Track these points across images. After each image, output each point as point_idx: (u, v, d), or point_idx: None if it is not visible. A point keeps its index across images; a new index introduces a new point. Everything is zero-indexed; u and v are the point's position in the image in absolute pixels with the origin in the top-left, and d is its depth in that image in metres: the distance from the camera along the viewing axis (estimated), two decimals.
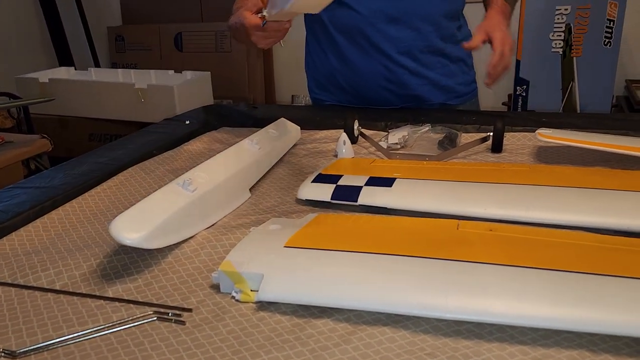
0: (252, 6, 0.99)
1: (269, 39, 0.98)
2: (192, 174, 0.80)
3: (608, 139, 0.96)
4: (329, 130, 1.20)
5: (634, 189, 0.76)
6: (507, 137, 1.09)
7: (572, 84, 2.22)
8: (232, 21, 1.07)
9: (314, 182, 0.88)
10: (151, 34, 3.43)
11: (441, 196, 0.80)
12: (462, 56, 1.34)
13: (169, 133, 1.23)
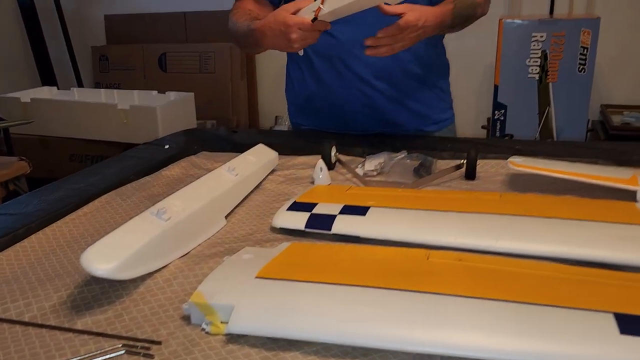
0: (291, 7, 1.04)
1: (307, 39, 1.03)
2: (166, 203, 0.80)
3: (577, 167, 0.99)
4: (307, 156, 1.21)
5: (599, 219, 0.78)
6: (481, 164, 1.11)
7: (549, 109, 2.27)
8: (260, 24, 1.10)
9: (289, 210, 0.89)
10: (135, 54, 3.44)
11: (413, 225, 0.81)
12: (439, 83, 1.37)
13: (147, 158, 1.23)
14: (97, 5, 3.58)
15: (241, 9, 1.26)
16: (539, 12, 2.61)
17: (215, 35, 3.27)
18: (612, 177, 0.93)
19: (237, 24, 1.21)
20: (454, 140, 1.28)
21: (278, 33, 1.05)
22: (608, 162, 1.08)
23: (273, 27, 1.06)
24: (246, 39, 1.17)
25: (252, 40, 1.15)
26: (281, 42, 1.06)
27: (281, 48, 1.09)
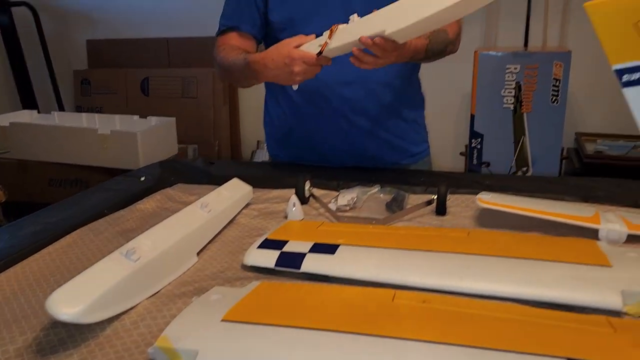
0: (294, 42, 1.08)
1: (308, 74, 1.07)
2: (136, 242, 0.81)
3: (544, 205, 1.02)
4: (282, 190, 1.23)
5: (561, 259, 0.80)
6: (452, 199, 1.14)
7: (524, 138, 2.32)
8: (260, 56, 1.15)
9: (260, 247, 0.90)
10: (117, 78, 3.45)
11: (381, 264, 0.82)
12: (415, 117, 1.41)
13: (122, 190, 1.24)
14: (79, 29, 3.60)
15: (228, 45, 1.29)
16: (515, 44, 2.68)
17: (198, 61, 3.30)
18: (576, 215, 0.96)
19: (229, 58, 1.24)
20: (428, 174, 1.31)
21: (281, 65, 1.08)
22: (574, 198, 1.11)
23: (276, 59, 1.09)
24: (242, 72, 1.20)
25: (249, 73, 1.18)
26: (283, 75, 1.10)
27: (282, 81, 1.12)
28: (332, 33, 1.05)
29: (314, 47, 1.08)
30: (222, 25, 1.33)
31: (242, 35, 1.31)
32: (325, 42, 1.05)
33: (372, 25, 1.02)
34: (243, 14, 1.30)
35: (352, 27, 1.05)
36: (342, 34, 1.05)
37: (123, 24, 3.50)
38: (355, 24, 1.05)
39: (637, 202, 1.06)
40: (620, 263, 0.79)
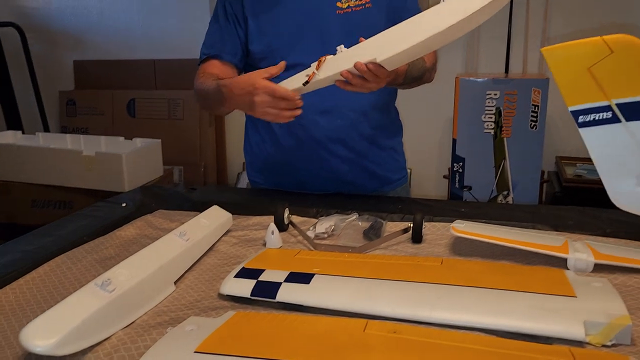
0: (263, 73, 1.09)
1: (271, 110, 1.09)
2: (112, 273, 0.82)
3: (515, 233, 1.04)
4: (261, 217, 1.24)
5: (530, 290, 0.82)
6: (428, 227, 1.16)
7: (504, 162, 2.36)
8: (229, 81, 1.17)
9: (237, 276, 0.91)
10: (104, 99, 3.47)
11: (354, 294, 0.84)
12: (393, 144, 1.44)
13: (102, 217, 1.25)
14: (66, 50, 3.62)
15: (207, 73, 1.32)
16: (496, 71, 2.75)
17: (185, 83, 3.33)
18: (545, 244, 0.98)
19: (205, 84, 1.27)
20: (405, 202, 1.33)
21: (245, 93, 1.10)
22: (546, 227, 1.14)
23: (242, 86, 1.12)
24: (214, 96, 1.22)
25: (219, 97, 1.20)
26: (245, 102, 1.11)
27: (245, 109, 1.14)
28: (321, 64, 1.07)
29: (298, 79, 1.10)
30: (203, 54, 1.36)
31: (223, 63, 1.33)
32: (313, 73, 1.06)
33: (362, 53, 1.04)
34: (224, 43, 1.33)
35: (341, 57, 1.07)
36: (331, 65, 1.07)
37: (110, 45, 3.53)
38: (344, 54, 1.07)
39: (605, 231, 1.09)
40: (584, 293, 0.81)
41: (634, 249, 1.01)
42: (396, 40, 1.01)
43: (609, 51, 0.59)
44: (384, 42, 1.03)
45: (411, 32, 0.98)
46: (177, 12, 3.36)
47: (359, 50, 1.05)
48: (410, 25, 1.00)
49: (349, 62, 1.05)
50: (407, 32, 0.99)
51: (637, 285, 0.88)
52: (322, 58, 1.08)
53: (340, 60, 1.07)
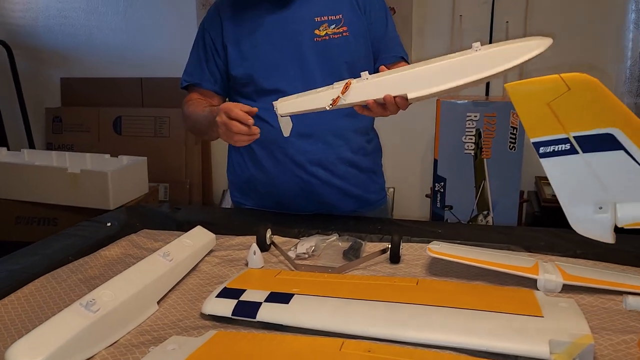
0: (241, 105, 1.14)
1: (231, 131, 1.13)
2: (96, 293, 0.84)
3: (488, 255, 1.08)
4: (244, 237, 1.27)
5: (500, 310, 0.86)
6: (406, 247, 1.19)
7: (484, 182, 2.42)
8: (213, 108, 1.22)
9: (219, 296, 0.94)
10: (90, 116, 3.48)
11: (332, 314, 0.87)
12: (372, 166, 1.48)
13: (87, 236, 1.26)
14: (53, 68, 3.63)
15: (195, 100, 1.36)
16: (477, 94, 2.82)
17: (172, 101, 3.35)
18: (517, 265, 1.02)
19: (196, 110, 1.32)
20: (384, 222, 1.37)
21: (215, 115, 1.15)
22: (518, 248, 1.18)
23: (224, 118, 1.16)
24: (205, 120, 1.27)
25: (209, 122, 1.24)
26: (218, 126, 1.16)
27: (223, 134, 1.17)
28: (347, 89, 1.08)
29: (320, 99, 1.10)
30: (184, 81, 1.41)
31: (204, 91, 1.38)
32: (339, 97, 1.08)
33: (393, 86, 1.06)
34: (203, 71, 1.38)
35: (368, 85, 1.08)
36: (357, 91, 1.08)
37: (98, 63, 3.56)
38: (370, 82, 1.08)
39: (576, 252, 1.14)
40: (551, 313, 0.85)
41: (601, 270, 1.05)
42: (429, 79, 1.04)
43: (566, 88, 0.64)
44: (414, 79, 1.06)
45: (445, 76, 1.02)
46: (165, 31, 3.40)
47: (388, 82, 1.07)
48: (444, 68, 1.02)
49: (377, 92, 1.07)
50: (441, 74, 1.02)
51: (602, 306, 0.92)
52: (349, 83, 1.08)
53: (367, 88, 1.08)
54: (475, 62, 0.99)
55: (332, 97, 1.08)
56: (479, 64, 0.98)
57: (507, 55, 0.96)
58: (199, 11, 3.29)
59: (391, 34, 1.44)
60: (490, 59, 0.98)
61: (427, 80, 1.04)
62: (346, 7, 1.35)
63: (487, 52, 0.98)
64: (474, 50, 0.99)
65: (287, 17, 1.33)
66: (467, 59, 1.00)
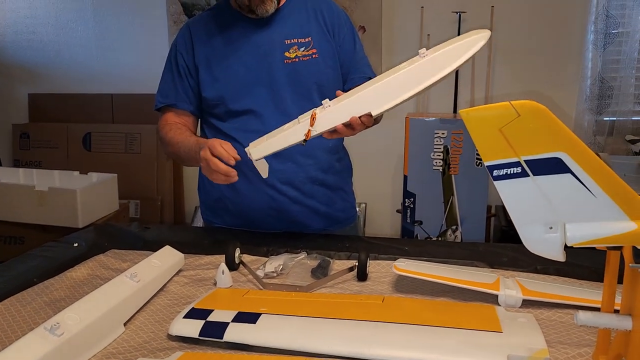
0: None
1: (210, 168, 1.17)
2: (61, 316, 0.83)
3: (453, 272, 1.11)
4: (213, 256, 1.28)
5: (462, 326, 0.89)
6: (373, 264, 1.21)
7: (452, 198, 2.47)
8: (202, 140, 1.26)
9: (186, 317, 0.94)
10: (59, 132, 3.44)
11: (298, 333, 0.88)
12: (342, 185, 1.50)
13: (53, 257, 1.25)
14: (21, 83, 3.58)
15: (174, 124, 1.38)
16: (446, 111, 2.89)
17: (143, 117, 3.34)
18: (479, 282, 1.05)
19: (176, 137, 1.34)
20: (352, 240, 1.39)
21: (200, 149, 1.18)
22: (482, 264, 1.21)
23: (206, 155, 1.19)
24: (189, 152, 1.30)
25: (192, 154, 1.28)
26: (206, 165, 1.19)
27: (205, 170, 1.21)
28: (314, 120, 1.12)
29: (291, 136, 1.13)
30: (159, 102, 1.41)
31: (180, 112, 1.39)
32: (309, 130, 1.11)
33: (356, 108, 1.11)
34: (178, 92, 1.38)
35: (333, 111, 1.12)
36: (324, 119, 1.12)
37: (67, 79, 3.53)
38: (334, 108, 1.12)
39: (536, 268, 1.18)
40: (510, 328, 0.88)
41: (560, 285, 1.09)
42: (388, 93, 1.09)
43: (516, 114, 0.67)
44: (374, 96, 1.10)
45: (402, 87, 1.07)
46: (136, 47, 3.39)
47: (350, 105, 1.11)
48: (399, 80, 1.08)
49: (343, 116, 1.11)
50: (398, 86, 1.08)
51: (559, 320, 0.96)
52: (314, 114, 1.12)
53: (333, 114, 1.12)
54: (426, 67, 1.04)
55: (301, 131, 1.12)
56: (431, 68, 1.04)
57: (454, 54, 1.03)
58: (170, 27, 3.30)
59: (359, 54, 1.47)
60: (440, 61, 1.04)
61: (386, 95, 1.09)
62: (315, 29, 1.38)
63: (435, 55, 1.04)
64: (421, 56, 1.05)
65: (257, 39, 1.35)
66: (419, 66, 1.05)
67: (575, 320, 0.71)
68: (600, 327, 0.72)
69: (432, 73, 1.04)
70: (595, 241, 0.69)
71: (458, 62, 1.02)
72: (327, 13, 1.41)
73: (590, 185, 0.67)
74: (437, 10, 2.91)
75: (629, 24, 2.73)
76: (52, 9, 3.48)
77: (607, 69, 2.80)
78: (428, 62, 1.04)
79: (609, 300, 0.77)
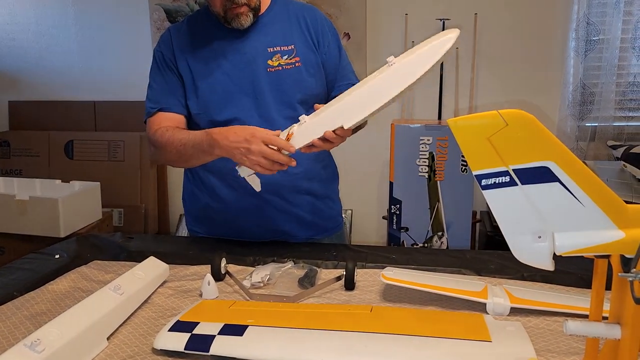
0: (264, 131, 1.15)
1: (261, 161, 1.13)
2: (42, 332, 0.81)
3: (440, 280, 1.11)
4: (198, 266, 1.26)
5: (451, 335, 0.88)
6: (360, 273, 1.21)
7: (438, 204, 2.47)
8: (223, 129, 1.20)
9: (171, 330, 0.92)
10: (40, 140, 3.38)
11: (286, 345, 0.87)
12: (328, 193, 1.49)
13: (34, 270, 1.22)
14: (1, 91, 3.52)
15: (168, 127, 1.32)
16: (430, 117, 2.90)
17: (126, 124, 3.31)
18: (467, 290, 1.05)
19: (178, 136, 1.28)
20: (339, 249, 1.38)
21: (241, 139, 1.14)
22: (470, 272, 1.21)
23: (239, 132, 1.15)
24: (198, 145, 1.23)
25: (204, 147, 1.21)
26: (238, 150, 1.14)
27: (237, 155, 1.15)
28: (290, 137, 1.13)
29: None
30: (151, 108, 1.35)
31: (173, 116, 1.35)
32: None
33: (329, 122, 1.11)
34: (170, 95, 1.34)
35: (308, 127, 1.13)
36: (300, 136, 1.13)
37: (48, 86, 3.47)
38: (309, 124, 1.13)
39: (523, 275, 1.18)
40: (499, 337, 0.87)
41: (547, 292, 1.09)
42: (359, 106, 1.09)
43: (504, 124, 0.67)
44: (347, 109, 1.11)
45: (371, 98, 1.07)
46: (118, 53, 3.35)
47: (324, 119, 1.12)
48: (368, 91, 1.08)
49: (317, 132, 1.12)
50: (367, 97, 1.08)
51: (547, 328, 0.96)
52: (290, 133, 1.13)
53: (308, 130, 1.13)
54: (396, 75, 1.04)
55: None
56: (401, 75, 1.04)
57: (423, 59, 1.02)
58: (153, 34, 3.27)
59: (344, 62, 1.47)
60: (409, 67, 1.04)
61: (358, 107, 1.09)
62: (298, 38, 1.37)
63: (403, 62, 1.04)
64: (390, 65, 1.05)
65: (240, 46, 1.34)
66: (388, 75, 1.05)
67: (565, 330, 0.71)
68: (590, 336, 0.72)
69: (402, 79, 1.04)
70: (584, 250, 0.69)
71: (428, 65, 1.02)
72: (311, 21, 1.40)
73: (578, 194, 0.67)
74: (421, 17, 2.92)
75: (609, 30, 2.77)
76: (33, 15, 3.43)
77: (588, 76, 2.83)
78: (396, 70, 1.04)
79: (597, 309, 0.77)
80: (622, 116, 2.87)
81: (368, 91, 1.08)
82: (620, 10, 2.73)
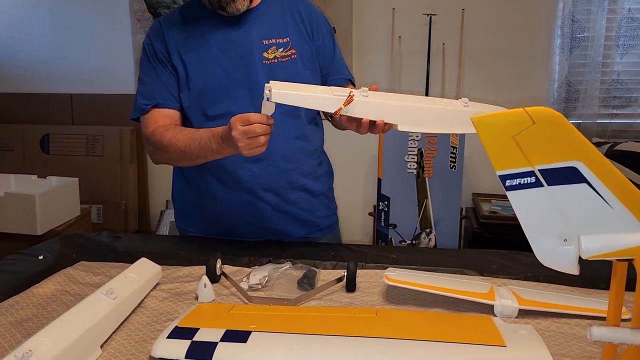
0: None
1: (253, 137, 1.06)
2: (33, 342, 0.76)
3: (444, 281, 1.08)
4: (192, 267, 1.21)
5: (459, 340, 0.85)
6: (361, 274, 1.17)
7: (426, 201, 2.46)
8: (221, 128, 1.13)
9: (170, 337, 0.87)
10: (13, 134, 3.26)
11: (293, 352, 0.83)
12: (323, 191, 1.45)
13: (16, 272, 1.16)
14: None
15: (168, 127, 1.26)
16: None
17: (105, 118, 3.21)
18: (473, 291, 1.03)
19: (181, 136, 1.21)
20: (337, 248, 1.34)
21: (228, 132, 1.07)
22: (472, 272, 1.19)
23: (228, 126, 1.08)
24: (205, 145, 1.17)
25: (213, 145, 1.15)
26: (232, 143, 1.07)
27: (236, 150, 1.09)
28: (348, 102, 1.04)
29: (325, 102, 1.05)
30: (145, 104, 1.29)
31: (169, 112, 1.29)
32: (341, 108, 1.04)
33: (390, 113, 1.08)
34: (164, 90, 1.28)
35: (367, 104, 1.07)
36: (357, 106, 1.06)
37: (22, 78, 3.35)
38: (370, 101, 1.07)
39: (526, 275, 1.16)
40: (513, 342, 0.85)
41: (553, 292, 1.08)
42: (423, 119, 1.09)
43: (531, 122, 0.64)
44: (410, 113, 1.09)
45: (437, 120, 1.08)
46: (96, 45, 3.25)
47: (386, 107, 1.08)
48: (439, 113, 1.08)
49: (374, 113, 1.08)
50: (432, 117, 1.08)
51: (558, 330, 0.94)
52: (351, 96, 1.04)
53: (367, 106, 1.07)
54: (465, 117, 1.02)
55: (332, 103, 1.04)
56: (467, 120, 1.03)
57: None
58: (133, 25, 3.17)
59: (338, 56, 1.43)
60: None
61: (420, 119, 1.09)
62: (293, 30, 1.33)
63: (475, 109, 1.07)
64: (463, 104, 1.07)
65: (234, 38, 1.29)
66: (460, 112, 1.07)
67: (589, 336, 0.68)
68: (615, 342, 0.69)
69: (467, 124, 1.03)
70: (611, 254, 0.66)
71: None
72: (305, 14, 1.36)
73: (606, 195, 0.65)
74: (408, 12, 2.90)
75: (594, 28, 2.79)
76: (5, 5, 3.29)
77: (573, 73, 2.85)
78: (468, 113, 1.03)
79: (616, 313, 0.75)
80: (607, 113, 2.89)
81: (438, 114, 1.08)
82: (605, 8, 2.75)
